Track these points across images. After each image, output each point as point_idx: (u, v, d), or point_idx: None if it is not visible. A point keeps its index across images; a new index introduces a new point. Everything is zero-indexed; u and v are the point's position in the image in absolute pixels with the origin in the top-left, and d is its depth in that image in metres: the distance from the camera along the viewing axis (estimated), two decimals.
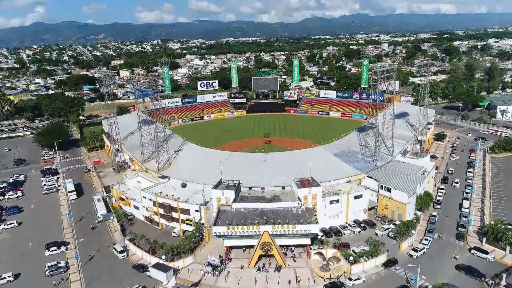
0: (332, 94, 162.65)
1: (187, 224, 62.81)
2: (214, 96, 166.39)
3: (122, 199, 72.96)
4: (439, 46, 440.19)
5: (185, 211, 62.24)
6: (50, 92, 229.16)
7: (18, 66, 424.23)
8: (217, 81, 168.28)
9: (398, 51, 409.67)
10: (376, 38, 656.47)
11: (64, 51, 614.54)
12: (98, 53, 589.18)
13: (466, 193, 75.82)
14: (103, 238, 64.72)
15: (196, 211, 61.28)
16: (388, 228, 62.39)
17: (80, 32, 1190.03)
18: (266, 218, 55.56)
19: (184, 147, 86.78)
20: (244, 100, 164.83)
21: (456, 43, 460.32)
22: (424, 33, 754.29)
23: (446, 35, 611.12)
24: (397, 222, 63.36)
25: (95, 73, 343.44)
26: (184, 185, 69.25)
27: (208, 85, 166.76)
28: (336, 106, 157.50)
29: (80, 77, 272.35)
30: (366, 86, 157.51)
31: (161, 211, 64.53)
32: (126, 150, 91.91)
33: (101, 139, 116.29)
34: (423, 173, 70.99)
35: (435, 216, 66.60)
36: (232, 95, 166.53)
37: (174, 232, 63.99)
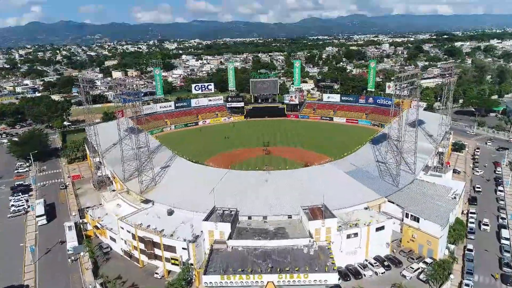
0: (336, 98, 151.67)
1: (173, 263, 51.49)
2: (210, 100, 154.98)
3: (97, 228, 61.55)
4: (440, 47, 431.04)
5: (170, 248, 50.89)
6: (37, 94, 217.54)
7: (8, 66, 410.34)
8: (213, 84, 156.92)
9: (400, 52, 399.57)
10: (375, 39, 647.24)
11: (58, 51, 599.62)
12: (93, 53, 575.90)
13: (502, 218, 65.05)
14: (71, 279, 53.29)
15: (184, 248, 49.96)
16: (418, 268, 51.33)
17: (76, 32, 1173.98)
18: (270, 262, 44.41)
19: (173, 162, 75.26)
20: (241, 104, 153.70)
21: (457, 44, 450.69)
22: (422, 34, 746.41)
23: (445, 36, 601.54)
24: (428, 260, 52.40)
25: (87, 73, 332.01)
26: (170, 213, 57.95)
27: (203, 88, 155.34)
28: (341, 111, 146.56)
29: (70, 79, 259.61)
30: (373, 90, 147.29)
31: (142, 246, 53.17)
32: (107, 164, 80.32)
33: (83, 149, 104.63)
34: (454, 197, 60.07)
35: (471, 250, 55.61)
36: (229, 99, 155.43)
37: (156, 273, 52.56)
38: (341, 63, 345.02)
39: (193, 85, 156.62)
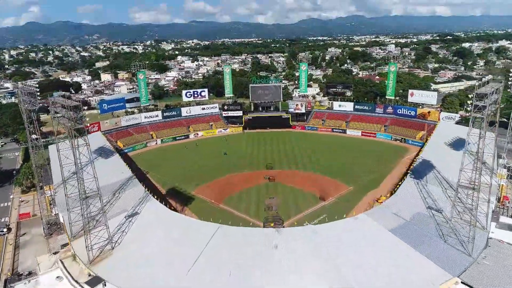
0: (348, 106, 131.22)
1: None
2: (203, 108, 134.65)
3: None
4: (448, 48, 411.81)
5: None
6: (14, 100, 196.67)
7: None
8: (206, 90, 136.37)
9: (407, 53, 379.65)
10: (378, 40, 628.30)
11: (51, 52, 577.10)
12: (86, 54, 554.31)
13: None
14: None
15: None
16: None
17: (74, 32, 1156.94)
18: None
19: (144, 207, 54.34)
20: (240, 113, 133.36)
21: (465, 44, 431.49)
22: (423, 35, 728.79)
23: (449, 37, 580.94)
24: None
25: (77, 75, 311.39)
26: None
27: (195, 95, 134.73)
28: (354, 122, 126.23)
29: (52, 82, 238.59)
30: (393, 98, 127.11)
31: None
32: (58, 205, 59.40)
33: (41, 174, 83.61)
34: None
35: None
36: (226, 107, 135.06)
37: None
38: (346, 65, 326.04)
39: (184, 92, 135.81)
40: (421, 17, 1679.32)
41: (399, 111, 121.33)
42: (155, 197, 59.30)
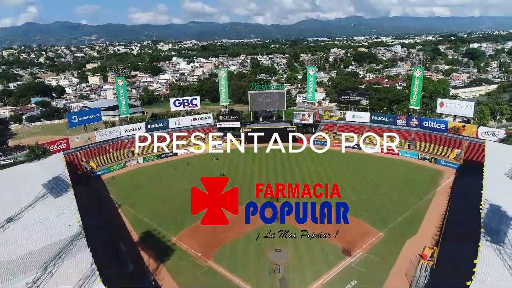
0: (364, 117, 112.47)
1: None
2: (195, 119, 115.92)
3: None
4: (456, 49, 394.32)
5: None
6: None
7: None
8: (198, 98, 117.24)
9: (415, 54, 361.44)
10: (381, 40, 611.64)
11: (44, 52, 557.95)
12: (80, 55, 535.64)
13: None
14: None
15: None
16: None
17: (72, 33, 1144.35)
18: None
19: None
20: (237, 124, 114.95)
21: (473, 45, 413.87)
22: (424, 35, 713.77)
23: (451, 37, 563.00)
24: None
25: (64, 78, 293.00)
26: None
27: (186, 103, 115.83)
28: (372, 135, 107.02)
29: (31, 86, 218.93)
30: (418, 108, 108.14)
31: None
32: None
33: None
34: None
35: None
36: (221, 117, 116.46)
37: None
38: (350, 67, 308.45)
39: (172, 100, 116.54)
40: (420, 17, 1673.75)
41: (426, 123, 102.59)
42: (101, 265, 39.50)
